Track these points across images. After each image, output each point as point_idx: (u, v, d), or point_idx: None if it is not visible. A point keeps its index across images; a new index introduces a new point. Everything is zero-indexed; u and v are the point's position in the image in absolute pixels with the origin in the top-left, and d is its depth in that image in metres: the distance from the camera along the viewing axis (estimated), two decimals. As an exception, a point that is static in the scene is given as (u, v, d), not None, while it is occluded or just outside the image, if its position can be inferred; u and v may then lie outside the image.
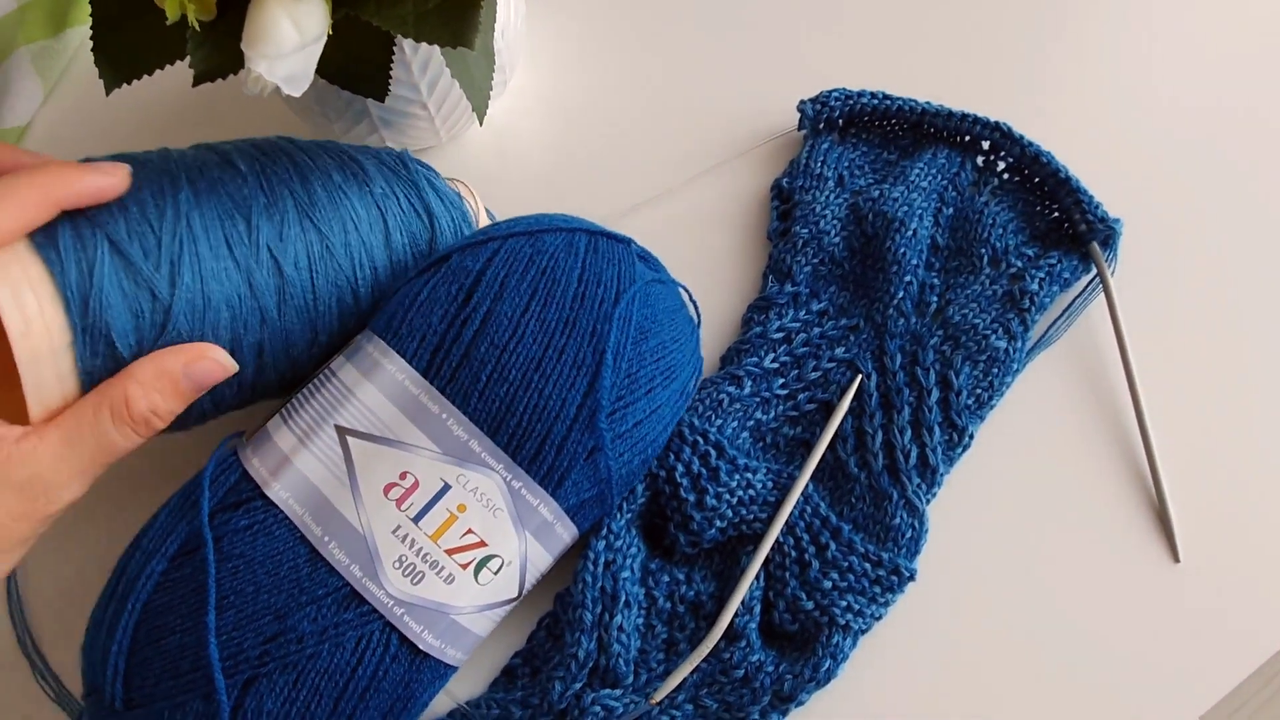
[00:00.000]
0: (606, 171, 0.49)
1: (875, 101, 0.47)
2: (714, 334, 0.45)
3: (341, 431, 0.33)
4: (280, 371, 0.36)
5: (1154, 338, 0.43)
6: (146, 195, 0.32)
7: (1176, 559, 0.40)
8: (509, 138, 0.50)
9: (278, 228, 0.34)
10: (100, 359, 0.31)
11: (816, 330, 0.44)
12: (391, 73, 0.38)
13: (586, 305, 0.34)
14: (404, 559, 0.31)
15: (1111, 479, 0.41)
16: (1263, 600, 0.39)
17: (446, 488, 0.32)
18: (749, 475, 0.40)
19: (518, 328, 0.33)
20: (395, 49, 0.37)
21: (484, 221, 0.40)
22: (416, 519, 0.32)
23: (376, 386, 0.33)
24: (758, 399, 0.42)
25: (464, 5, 0.32)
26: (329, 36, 0.33)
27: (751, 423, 0.42)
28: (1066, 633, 0.39)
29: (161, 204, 0.32)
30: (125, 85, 0.35)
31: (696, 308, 0.42)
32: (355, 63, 0.37)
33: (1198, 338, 0.44)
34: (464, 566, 0.32)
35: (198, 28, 0.31)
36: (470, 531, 0.32)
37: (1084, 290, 0.44)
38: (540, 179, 0.49)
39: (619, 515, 0.39)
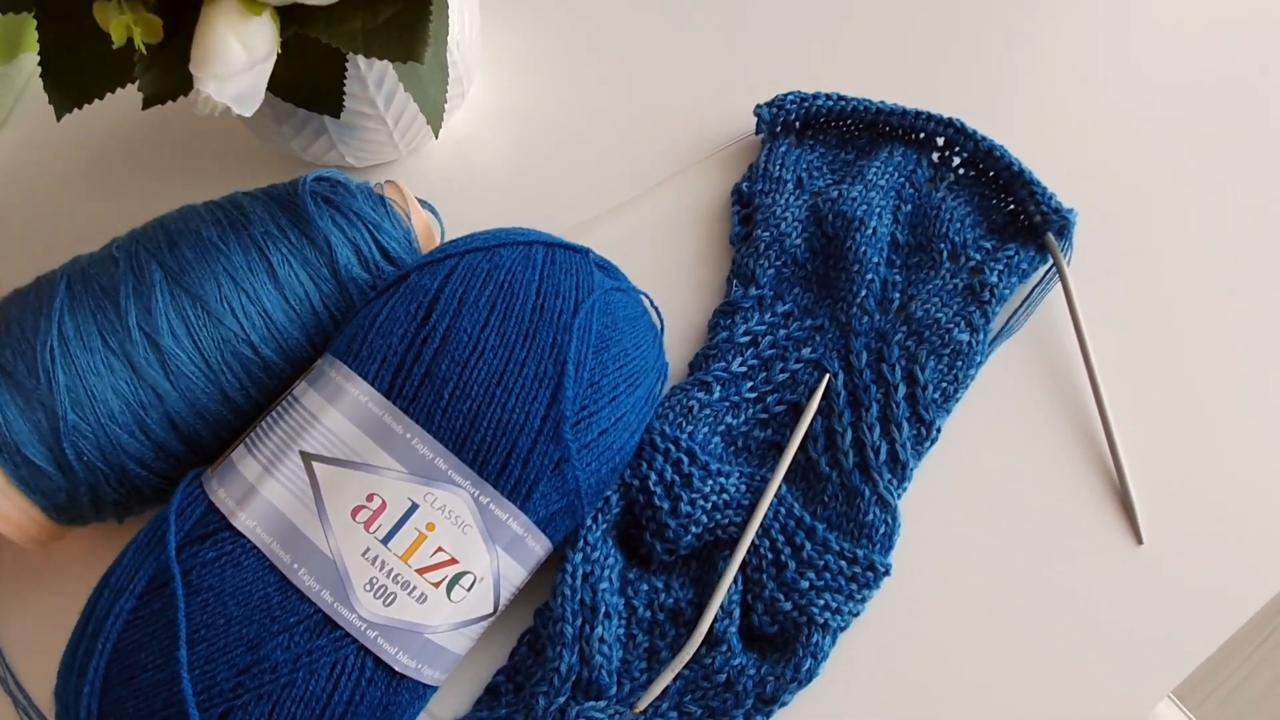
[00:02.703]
0: (569, 181, 0.49)
1: (830, 103, 0.48)
2: (681, 341, 0.45)
3: (306, 457, 0.32)
4: (214, 429, 0.36)
5: (1112, 324, 0.44)
6: (26, 315, 0.35)
7: (1140, 541, 0.40)
8: (470, 148, 0.50)
9: (145, 304, 0.35)
10: (21, 468, 0.34)
11: (782, 332, 0.44)
12: (346, 88, 0.38)
13: (546, 317, 0.34)
14: (375, 581, 0.31)
15: (1075, 465, 0.41)
16: (1224, 578, 0.39)
17: (414, 507, 0.32)
18: (722, 480, 0.40)
19: (478, 344, 0.33)
20: (349, 64, 0.38)
21: (419, 222, 0.40)
22: (386, 540, 0.31)
23: (339, 410, 0.33)
24: (727, 403, 0.42)
25: (413, 20, 0.32)
26: (280, 54, 0.33)
27: (722, 427, 0.42)
28: (1037, 617, 0.39)
29: (36, 318, 0.35)
30: (77, 109, 0.35)
31: (659, 314, 0.42)
32: (308, 80, 0.37)
33: (1154, 323, 0.44)
34: (436, 585, 0.32)
35: (145, 51, 0.31)
36: (440, 550, 0.32)
37: (1042, 280, 0.44)
38: (502, 190, 0.49)
39: (595, 526, 0.39)
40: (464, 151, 0.50)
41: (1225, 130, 0.49)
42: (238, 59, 0.30)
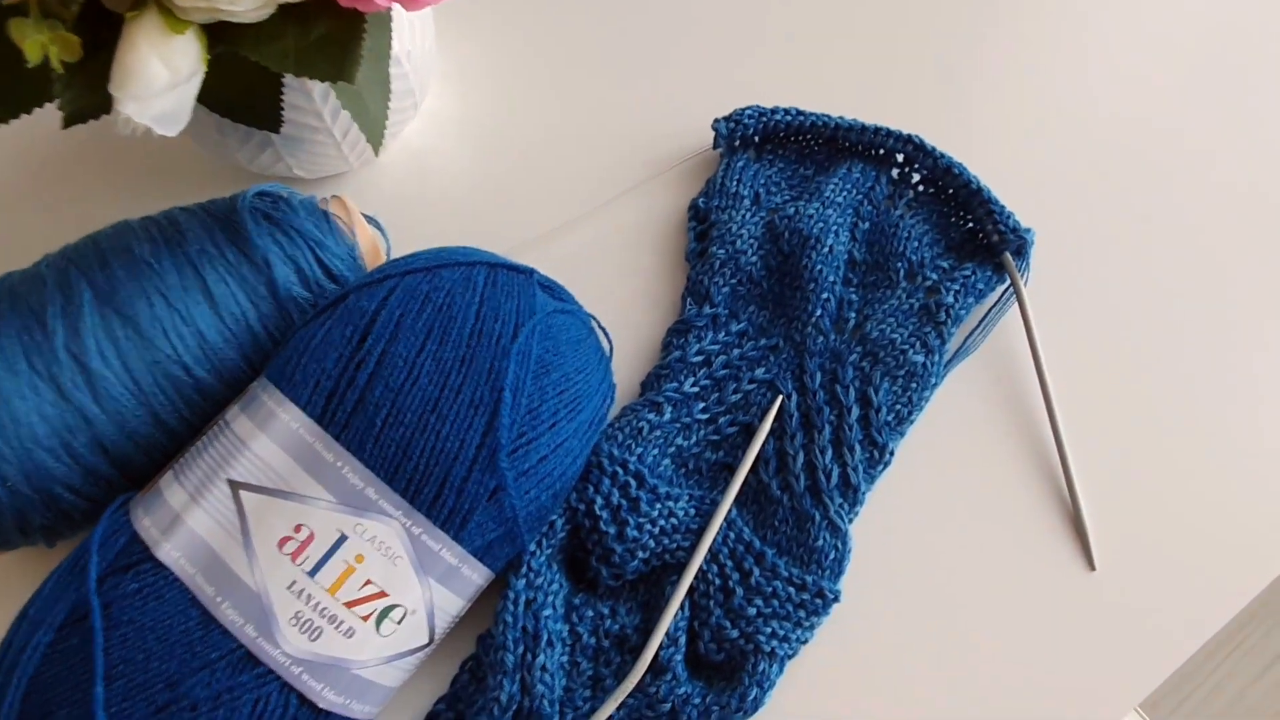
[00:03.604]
0: (525, 194, 0.48)
1: (789, 118, 0.47)
2: (634, 360, 0.44)
3: (234, 485, 0.32)
4: (147, 452, 0.35)
5: (1068, 346, 0.44)
6: None
7: (1092, 567, 0.39)
8: (426, 158, 0.49)
9: (74, 324, 0.34)
10: None
11: (736, 352, 0.43)
12: (290, 100, 0.37)
13: (484, 342, 0.33)
14: (300, 615, 0.30)
15: (1029, 489, 0.41)
16: (1177, 604, 0.39)
17: (343, 539, 0.31)
18: (670, 504, 0.39)
19: (413, 369, 0.32)
20: (291, 76, 0.37)
21: (364, 239, 0.39)
22: (313, 573, 0.31)
23: (270, 437, 0.32)
24: (678, 425, 0.42)
25: (346, 38, 0.32)
26: (215, 68, 0.32)
27: (673, 449, 0.42)
28: (990, 644, 0.39)
29: None
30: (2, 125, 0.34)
31: (607, 335, 0.41)
32: (244, 94, 0.36)
33: (1110, 345, 0.44)
34: (364, 619, 0.31)
35: (61, 70, 0.30)
36: (370, 582, 0.31)
37: (999, 301, 0.44)
38: (457, 202, 0.48)
39: (539, 551, 0.38)
40: (420, 162, 0.49)
41: (1184, 152, 0.49)
42: (159, 79, 0.29)
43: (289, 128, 0.41)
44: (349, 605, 0.31)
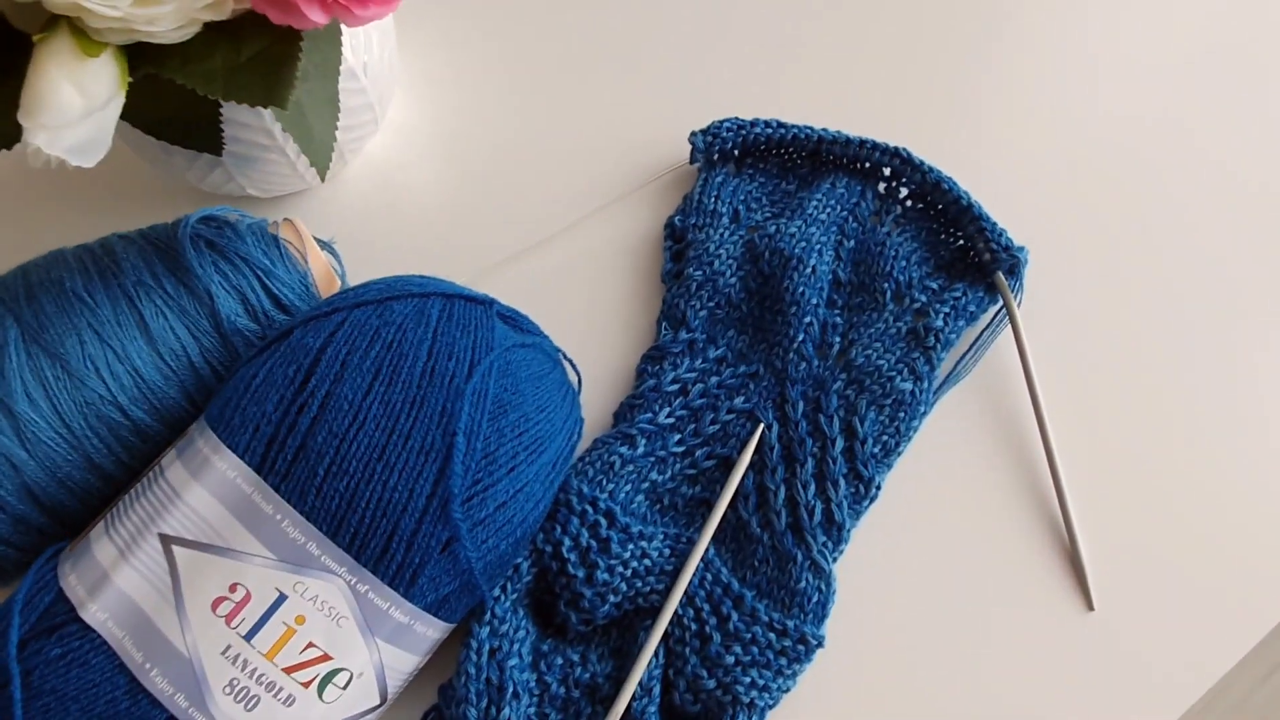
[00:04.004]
0: (491, 210, 0.46)
1: (769, 130, 0.45)
2: (606, 389, 0.42)
3: (166, 540, 0.29)
4: (82, 499, 0.33)
5: (1064, 371, 0.41)
6: None
7: (1090, 607, 0.37)
8: (390, 172, 0.47)
9: None
10: None
11: (714, 379, 0.41)
12: (235, 118, 0.35)
13: (436, 382, 0.31)
14: (235, 683, 0.28)
15: (1024, 525, 0.39)
16: (1180, 646, 0.37)
17: (282, 598, 0.29)
18: (644, 544, 0.37)
19: (359, 412, 0.30)
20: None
21: (316, 266, 0.37)
22: (249, 636, 0.28)
23: (205, 486, 0.30)
24: (652, 459, 0.39)
25: (280, 58, 0.29)
26: (142, 88, 0.30)
27: (646, 484, 0.39)
28: (982, 691, 0.36)
29: None
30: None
31: (575, 367, 0.39)
32: (180, 116, 0.34)
33: (1109, 370, 0.42)
34: (305, 685, 0.29)
35: (-34, 99, 0.28)
36: (311, 645, 0.29)
37: (991, 323, 0.41)
38: (422, 222, 0.46)
39: (504, 596, 0.36)
40: (384, 178, 0.47)
41: (1183, 166, 0.46)
42: (72, 107, 0.26)
43: (237, 146, 0.39)
44: (289, 671, 0.29)
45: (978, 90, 0.48)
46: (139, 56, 0.28)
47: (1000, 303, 0.42)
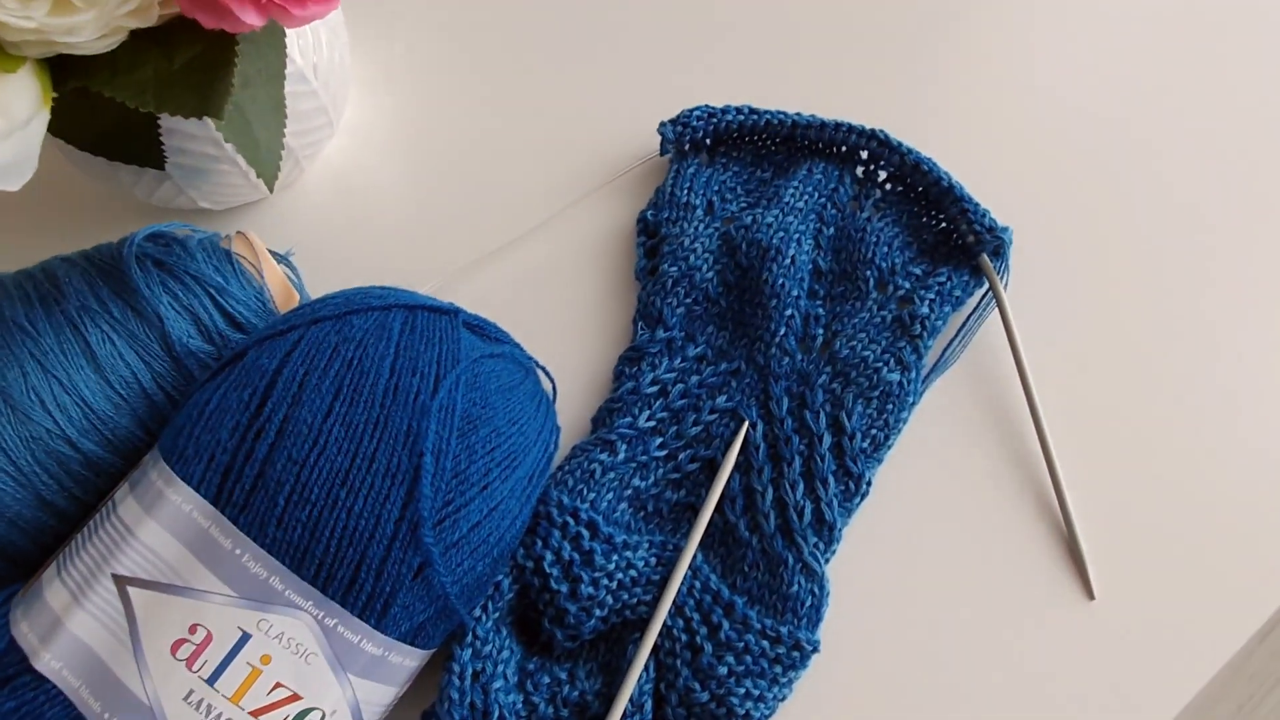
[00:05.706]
0: (455, 211, 0.44)
1: (741, 117, 0.43)
2: (583, 394, 0.40)
3: (120, 581, 0.28)
4: (34, 539, 0.31)
5: (1055, 353, 0.40)
6: None
7: (1091, 596, 0.36)
8: (349, 178, 0.45)
9: None
10: None
11: (695, 379, 0.40)
12: (178, 129, 0.33)
13: (400, 399, 0.29)
14: (200, 730, 0.27)
15: (1019, 515, 0.38)
16: (1183, 632, 0.36)
17: (246, 638, 0.27)
18: (629, 554, 0.36)
19: (319, 436, 0.28)
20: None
21: (273, 280, 0.35)
22: (212, 680, 0.27)
23: (159, 522, 0.28)
24: (634, 464, 0.38)
25: (214, 65, 0.27)
26: (78, 103, 0.28)
27: (629, 491, 0.38)
28: (982, 689, 0.35)
29: None
30: None
31: (549, 374, 0.37)
32: (117, 131, 0.32)
33: (1101, 352, 0.40)
34: (276, 727, 0.27)
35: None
36: (279, 685, 0.27)
37: (977, 307, 0.40)
38: (384, 225, 0.44)
39: (485, 617, 0.34)
40: (344, 182, 0.45)
41: (1170, 141, 0.45)
42: (-11, 125, 0.25)
43: (183, 158, 0.37)
44: (256, 714, 0.27)
45: (954, 69, 0.47)
46: (64, 69, 0.27)
47: (986, 286, 0.40)
